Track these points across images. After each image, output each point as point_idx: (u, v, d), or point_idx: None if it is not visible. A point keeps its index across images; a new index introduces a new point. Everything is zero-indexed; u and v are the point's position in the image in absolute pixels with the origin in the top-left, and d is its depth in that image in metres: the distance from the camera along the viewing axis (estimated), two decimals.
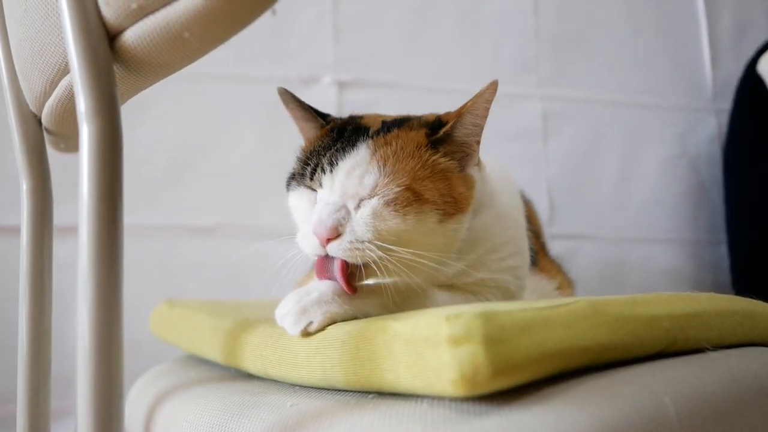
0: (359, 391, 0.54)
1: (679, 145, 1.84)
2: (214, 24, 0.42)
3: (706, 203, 1.85)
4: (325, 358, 0.55)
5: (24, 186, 0.66)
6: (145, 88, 0.53)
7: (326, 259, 0.61)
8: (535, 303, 0.51)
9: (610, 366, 0.51)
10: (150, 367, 0.94)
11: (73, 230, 1.14)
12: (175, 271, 1.45)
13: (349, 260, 0.59)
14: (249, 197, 1.51)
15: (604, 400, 0.46)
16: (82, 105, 0.44)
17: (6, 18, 0.65)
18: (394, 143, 0.63)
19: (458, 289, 0.68)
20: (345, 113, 0.74)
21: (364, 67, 1.61)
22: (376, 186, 0.60)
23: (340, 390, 0.56)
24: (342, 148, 0.63)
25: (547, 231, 1.64)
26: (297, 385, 0.61)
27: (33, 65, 0.56)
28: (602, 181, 1.78)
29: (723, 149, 1.80)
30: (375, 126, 0.66)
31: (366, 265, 0.60)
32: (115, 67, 0.47)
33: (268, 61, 1.55)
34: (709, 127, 1.87)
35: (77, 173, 0.45)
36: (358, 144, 0.63)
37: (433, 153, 0.64)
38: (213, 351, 0.75)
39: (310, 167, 0.64)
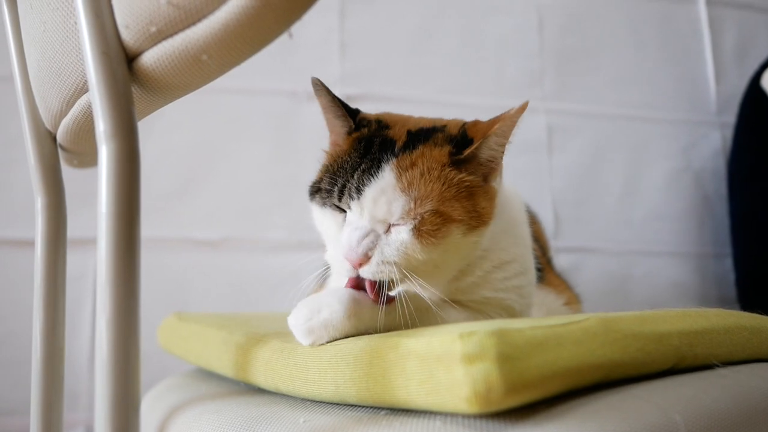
0: (372, 407, 0.54)
1: (683, 158, 1.85)
2: (232, 47, 0.43)
3: (710, 216, 1.85)
4: (337, 373, 0.55)
5: (38, 202, 0.67)
6: (161, 107, 0.54)
7: (357, 277, 0.63)
8: (546, 320, 0.51)
9: (620, 383, 0.52)
10: (158, 379, 0.95)
11: (79, 243, 1.14)
12: (183, 284, 1.46)
13: (377, 279, 0.62)
14: (257, 210, 1.52)
15: (615, 417, 0.46)
16: (101, 126, 0.45)
17: (23, 37, 0.66)
18: (419, 163, 0.62)
19: (464, 305, 0.68)
20: None
21: (370, 81, 1.63)
22: (404, 212, 0.61)
23: (352, 405, 0.56)
24: (368, 170, 0.62)
25: (552, 244, 1.65)
26: (308, 400, 0.61)
27: (50, 84, 0.57)
28: (607, 195, 1.79)
29: (727, 163, 1.80)
30: (401, 138, 0.65)
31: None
32: (132, 88, 0.48)
33: (276, 74, 1.56)
34: (714, 141, 1.88)
35: (83, 188, 0.46)
36: (383, 166, 0.62)
37: (458, 172, 0.63)
38: (223, 365, 0.75)
39: (337, 187, 0.64)
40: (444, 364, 0.45)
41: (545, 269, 0.93)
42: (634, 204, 1.81)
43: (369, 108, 1.57)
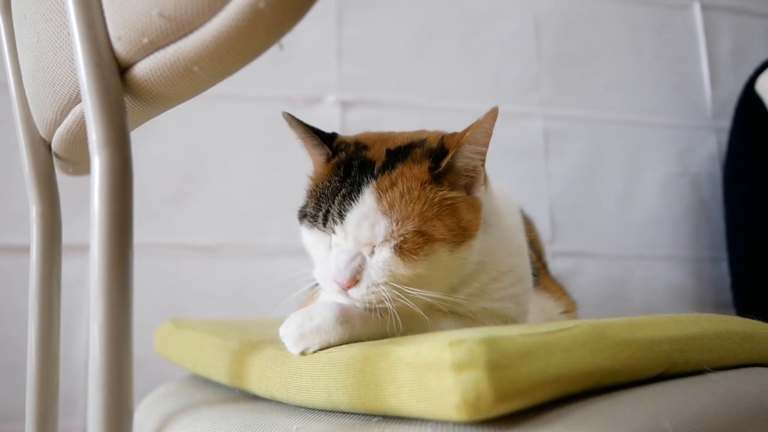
0: (364, 414, 0.54)
1: (679, 163, 1.86)
2: (224, 58, 0.43)
3: (706, 221, 1.85)
4: (329, 381, 0.55)
5: (33, 211, 0.67)
6: (153, 117, 0.54)
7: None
8: (536, 327, 0.51)
9: (610, 389, 0.52)
10: (155, 384, 0.95)
11: (75, 249, 1.15)
12: (178, 290, 1.46)
13: (368, 305, 0.62)
14: (252, 216, 1.52)
15: (605, 423, 0.46)
16: (94, 136, 0.45)
17: (18, 46, 0.66)
18: (399, 183, 0.63)
19: (457, 314, 0.68)
20: (348, 132, 0.74)
21: (367, 87, 1.63)
22: (387, 234, 0.62)
23: (344, 412, 0.57)
24: (348, 194, 0.63)
25: (549, 249, 1.65)
26: (302, 407, 0.61)
27: (44, 94, 0.58)
28: (604, 199, 1.80)
29: (723, 167, 1.81)
30: (379, 158, 0.66)
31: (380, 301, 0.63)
32: (125, 98, 0.48)
33: (273, 81, 1.57)
34: (710, 145, 1.89)
35: (78, 194, 0.46)
36: (363, 189, 0.63)
37: (438, 188, 0.64)
38: (218, 372, 0.75)
39: (321, 212, 0.65)
40: (434, 371, 0.45)
41: (540, 274, 0.94)
42: (631, 208, 1.81)
43: (366, 114, 1.59)
